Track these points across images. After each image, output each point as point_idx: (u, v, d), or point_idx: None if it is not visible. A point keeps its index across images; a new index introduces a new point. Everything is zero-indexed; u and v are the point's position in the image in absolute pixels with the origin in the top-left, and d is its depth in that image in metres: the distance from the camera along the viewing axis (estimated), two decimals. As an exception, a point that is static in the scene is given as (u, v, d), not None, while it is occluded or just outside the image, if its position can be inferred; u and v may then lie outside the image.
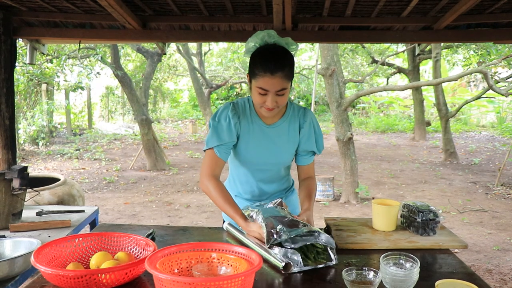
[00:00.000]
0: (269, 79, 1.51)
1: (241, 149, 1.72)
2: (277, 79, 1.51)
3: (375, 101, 19.03)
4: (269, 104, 1.55)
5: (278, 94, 1.54)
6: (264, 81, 1.52)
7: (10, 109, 2.82)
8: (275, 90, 1.52)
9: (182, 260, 1.25)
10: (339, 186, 6.46)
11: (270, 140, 1.71)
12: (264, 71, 1.51)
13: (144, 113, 8.11)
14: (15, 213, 2.13)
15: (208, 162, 1.67)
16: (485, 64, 8.62)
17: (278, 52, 1.55)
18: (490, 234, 4.56)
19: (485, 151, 10.49)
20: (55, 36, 3.01)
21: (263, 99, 1.55)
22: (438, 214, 1.66)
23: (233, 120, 1.66)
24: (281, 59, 1.53)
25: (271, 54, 1.54)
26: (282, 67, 1.51)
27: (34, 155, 9.51)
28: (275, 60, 1.52)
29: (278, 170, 1.81)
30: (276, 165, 1.77)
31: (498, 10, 2.68)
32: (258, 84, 1.53)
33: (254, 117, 1.71)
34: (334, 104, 5.85)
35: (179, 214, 5.34)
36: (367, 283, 1.18)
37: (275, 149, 1.72)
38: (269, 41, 1.60)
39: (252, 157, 1.73)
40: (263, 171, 1.78)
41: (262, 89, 1.53)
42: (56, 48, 8.15)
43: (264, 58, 1.54)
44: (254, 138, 1.70)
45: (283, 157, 1.75)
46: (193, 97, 20.10)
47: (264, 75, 1.51)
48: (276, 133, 1.71)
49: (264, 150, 1.72)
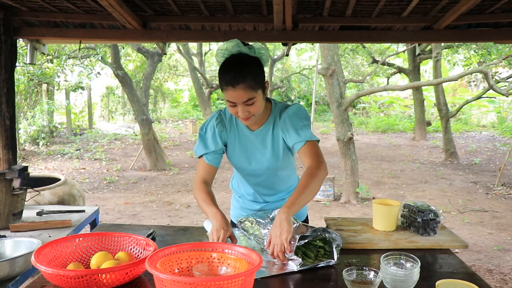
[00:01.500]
0: (232, 92, 1.48)
1: (230, 155, 1.75)
2: (240, 91, 1.47)
3: (375, 101, 19.02)
4: (241, 115, 1.53)
5: (247, 104, 1.50)
6: (228, 94, 1.50)
7: (11, 109, 2.82)
8: (240, 101, 1.49)
9: (183, 260, 1.25)
10: (339, 186, 6.46)
11: (255, 146, 1.70)
12: (226, 84, 1.49)
13: (145, 113, 8.11)
14: (15, 213, 2.13)
15: (199, 169, 1.71)
16: (486, 64, 8.62)
17: (238, 62, 1.50)
18: (490, 234, 4.55)
19: (485, 151, 10.49)
20: (55, 36, 3.01)
21: (235, 110, 1.53)
22: (438, 214, 1.66)
23: (218, 128, 1.68)
24: (240, 70, 1.47)
25: (231, 66, 1.50)
26: (243, 78, 1.46)
27: (34, 155, 9.51)
28: (234, 71, 1.47)
29: (273, 174, 1.76)
30: (266, 170, 1.72)
31: (498, 10, 2.67)
32: (226, 96, 1.52)
33: (240, 125, 1.71)
34: (335, 104, 5.85)
35: (180, 214, 5.35)
36: (368, 283, 1.18)
37: (261, 155, 1.70)
38: (232, 51, 1.55)
39: (240, 163, 1.74)
40: (256, 176, 1.77)
41: (229, 101, 1.52)
42: (57, 48, 8.15)
43: (225, 71, 1.51)
44: (240, 144, 1.71)
45: (270, 163, 1.70)
46: (193, 97, 20.09)
47: (227, 88, 1.49)
48: (261, 138, 1.69)
49: (250, 156, 1.72)
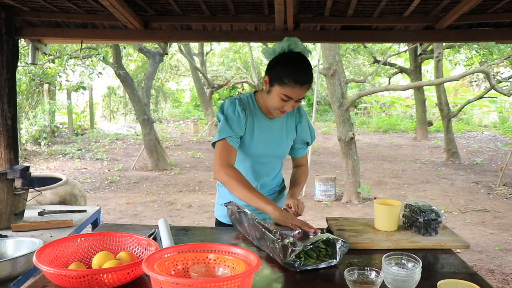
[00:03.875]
0: (297, 89, 1.59)
1: (246, 142, 1.77)
2: (304, 90, 1.60)
3: (377, 101, 19.00)
4: (288, 109, 1.65)
5: (298, 101, 1.64)
6: (292, 91, 1.59)
7: (12, 109, 2.83)
8: (298, 98, 1.62)
9: (179, 261, 1.24)
10: (341, 186, 6.46)
11: (272, 133, 1.81)
12: (295, 81, 1.57)
13: (146, 113, 8.12)
14: (17, 213, 2.14)
15: (223, 152, 1.69)
16: (487, 64, 8.60)
17: (306, 63, 1.62)
18: (492, 234, 4.55)
19: (487, 151, 10.47)
20: (57, 36, 3.01)
21: (283, 104, 1.63)
22: (440, 214, 1.65)
23: (242, 114, 1.72)
24: (309, 71, 1.61)
25: (301, 65, 1.60)
26: (309, 78, 1.60)
27: (36, 155, 9.53)
28: (305, 71, 1.59)
29: (277, 163, 1.92)
30: (276, 157, 1.87)
31: (500, 10, 2.67)
32: (285, 92, 1.59)
33: (258, 112, 1.79)
34: (336, 104, 5.85)
35: (181, 214, 5.35)
36: (369, 283, 1.17)
37: (276, 141, 1.82)
38: (295, 49, 1.64)
39: (256, 150, 1.79)
40: (264, 164, 1.85)
41: (287, 96, 1.60)
42: (58, 48, 8.17)
43: (295, 68, 1.58)
44: (259, 131, 1.78)
45: (283, 149, 1.87)
46: (194, 97, 20.12)
47: (294, 85, 1.57)
48: (277, 126, 1.82)
49: (267, 142, 1.80)
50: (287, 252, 1.32)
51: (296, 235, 1.43)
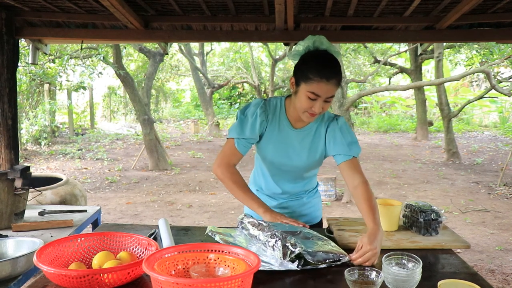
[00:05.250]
0: (324, 85, 1.51)
1: (262, 147, 1.75)
2: (331, 85, 1.52)
3: (377, 101, 19.00)
4: (316, 110, 1.54)
5: (326, 100, 1.55)
6: (318, 87, 1.51)
7: (13, 109, 2.83)
8: (326, 96, 1.53)
9: (179, 261, 1.24)
10: (341, 186, 6.46)
11: (291, 144, 1.72)
12: (320, 76, 1.50)
13: (146, 113, 8.12)
14: (17, 213, 2.14)
15: (227, 152, 1.72)
16: (488, 64, 8.60)
17: (332, 59, 1.56)
18: (492, 234, 4.54)
19: (487, 151, 10.47)
20: (57, 36, 3.01)
21: (311, 104, 1.54)
22: (440, 214, 1.65)
23: (260, 118, 1.67)
24: (335, 66, 1.54)
25: (327, 60, 1.55)
26: (336, 73, 1.53)
27: (36, 155, 9.53)
28: (331, 66, 1.53)
29: (299, 173, 1.80)
30: (294, 167, 1.76)
31: (501, 10, 2.67)
32: (311, 88, 1.52)
33: (283, 119, 1.71)
34: (336, 104, 5.85)
35: (181, 214, 5.35)
36: (369, 283, 1.17)
37: (294, 154, 1.72)
38: (321, 47, 1.60)
39: (270, 157, 1.75)
40: (283, 172, 1.79)
41: (314, 94, 1.52)
42: (59, 48, 8.17)
43: (321, 64, 1.53)
44: (277, 139, 1.72)
45: (301, 162, 1.74)
46: (195, 97, 20.12)
47: (319, 81, 1.50)
48: (300, 137, 1.72)
49: (286, 152, 1.72)
50: (287, 252, 1.32)
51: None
